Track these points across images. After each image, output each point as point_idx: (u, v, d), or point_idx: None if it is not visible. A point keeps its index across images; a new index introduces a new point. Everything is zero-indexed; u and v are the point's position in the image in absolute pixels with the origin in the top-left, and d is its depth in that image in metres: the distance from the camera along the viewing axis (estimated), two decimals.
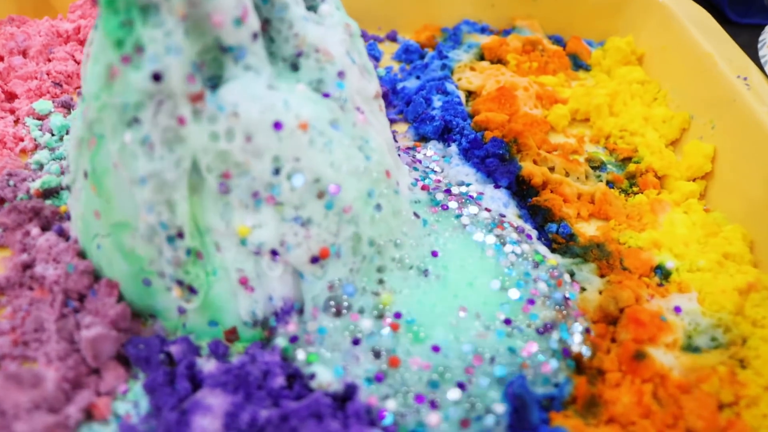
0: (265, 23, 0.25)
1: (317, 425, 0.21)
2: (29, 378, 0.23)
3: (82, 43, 0.41)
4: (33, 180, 0.31)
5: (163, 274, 0.25)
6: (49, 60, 0.39)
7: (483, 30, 0.45)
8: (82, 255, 0.27)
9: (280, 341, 0.25)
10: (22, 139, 0.35)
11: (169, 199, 0.23)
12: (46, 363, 0.24)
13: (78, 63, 0.40)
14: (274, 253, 0.25)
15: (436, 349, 0.25)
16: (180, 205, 0.23)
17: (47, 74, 0.38)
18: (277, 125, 0.23)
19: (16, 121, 0.36)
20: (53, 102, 0.37)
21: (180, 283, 0.25)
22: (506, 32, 0.45)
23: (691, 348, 0.27)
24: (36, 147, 0.34)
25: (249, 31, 0.23)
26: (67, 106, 0.37)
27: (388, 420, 0.22)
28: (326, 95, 0.25)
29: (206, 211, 0.24)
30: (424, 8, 0.45)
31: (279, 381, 0.23)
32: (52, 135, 0.35)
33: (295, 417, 0.21)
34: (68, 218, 0.29)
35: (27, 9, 0.43)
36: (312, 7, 0.27)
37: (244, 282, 0.25)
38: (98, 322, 0.24)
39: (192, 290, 0.25)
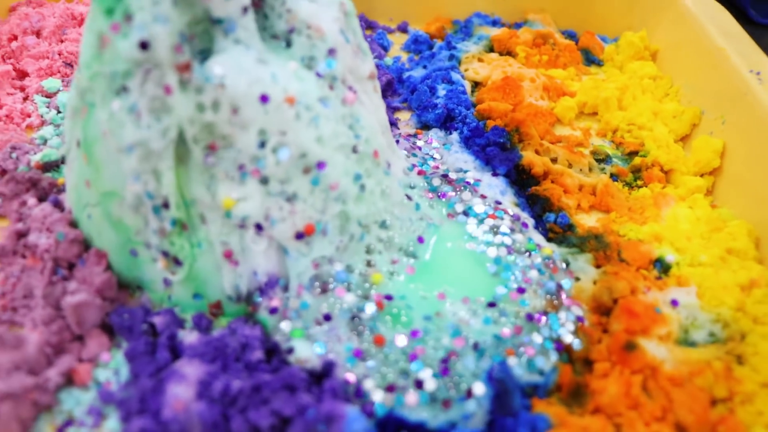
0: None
1: (289, 397, 0.21)
2: (11, 340, 0.23)
3: None
4: (35, 153, 0.32)
5: (149, 244, 0.25)
6: (62, 41, 0.40)
7: (495, 23, 0.44)
8: (74, 225, 0.27)
9: (263, 315, 0.25)
10: (29, 115, 0.35)
11: (156, 169, 0.23)
12: (32, 328, 0.24)
13: None
14: (258, 227, 0.24)
15: (417, 332, 0.24)
16: (166, 174, 0.23)
17: (59, 54, 0.39)
18: (264, 98, 0.23)
19: (25, 98, 0.36)
20: (62, 80, 0.37)
21: (165, 254, 0.25)
22: (518, 25, 0.45)
23: (687, 342, 0.26)
24: (42, 123, 0.35)
25: (239, 5, 0.23)
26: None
27: (366, 397, 0.22)
28: (318, 74, 0.25)
29: (192, 182, 0.24)
30: (436, 0, 0.45)
31: (257, 354, 0.23)
32: (58, 112, 0.35)
33: (268, 388, 0.21)
34: (65, 190, 0.29)
35: None
36: None
37: (228, 255, 0.25)
38: (83, 289, 0.24)
39: (177, 262, 0.25)
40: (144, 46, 0.22)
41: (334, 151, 0.25)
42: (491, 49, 0.42)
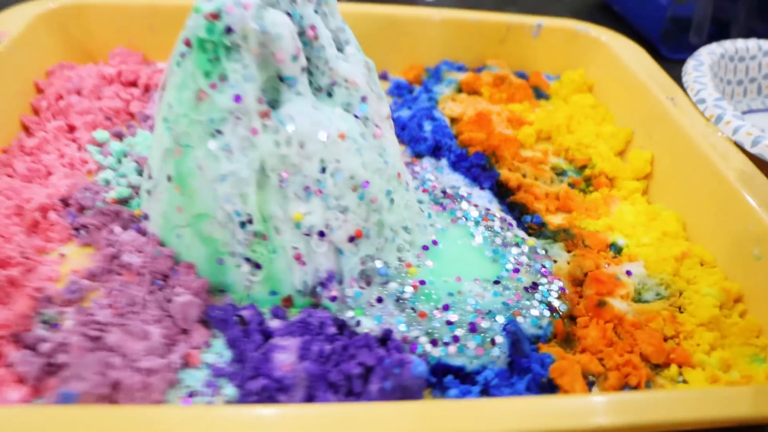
0: (308, 60, 0.33)
1: (369, 352, 0.28)
2: (140, 332, 0.29)
3: (123, 84, 0.49)
4: (104, 192, 0.38)
5: (234, 253, 0.32)
6: (99, 98, 0.46)
7: (459, 68, 0.54)
8: (161, 245, 0.34)
9: (325, 302, 0.32)
10: (86, 162, 0.41)
11: (243, 193, 0.31)
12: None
13: (123, 101, 0.47)
14: (321, 234, 0.32)
15: (447, 306, 0.32)
16: (250, 197, 0.31)
17: (99, 110, 0.45)
18: (324, 135, 0.31)
19: (79, 148, 0.42)
20: (108, 132, 0.43)
21: (248, 260, 0.32)
22: (479, 69, 0.54)
23: (641, 300, 0.35)
24: (99, 168, 0.41)
25: (300, 66, 0.31)
26: (119, 135, 0.44)
27: (419, 350, 0.29)
28: (356, 116, 0.33)
29: (269, 201, 0.31)
30: (409, 52, 0.54)
31: (332, 329, 0.30)
32: (113, 158, 0.41)
33: (352, 347, 0.28)
34: (144, 219, 0.35)
35: (72, 57, 0.50)
36: (340, 48, 0.35)
37: (298, 258, 0.32)
38: (186, 291, 0.31)
39: (257, 266, 0.32)
40: (237, 99, 0.29)
41: (373, 173, 0.33)
42: (460, 90, 0.51)
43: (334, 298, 0.32)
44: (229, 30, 0.29)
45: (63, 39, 0.50)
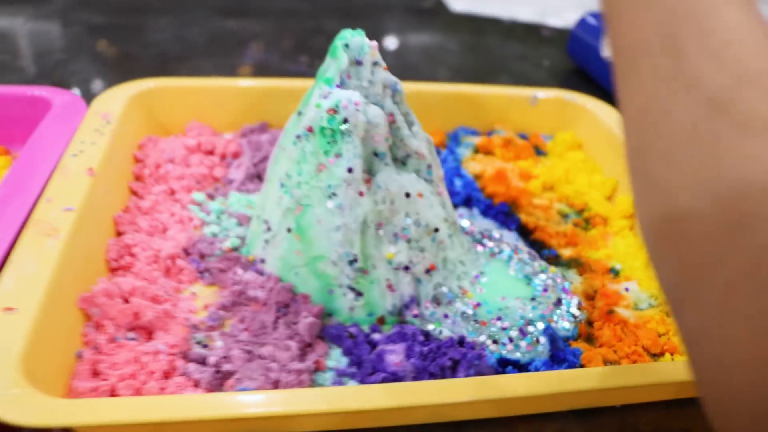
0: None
1: (455, 350, 0.39)
2: (283, 345, 0.39)
3: (205, 153, 0.59)
4: (218, 243, 0.48)
5: (342, 285, 0.42)
6: (188, 165, 0.57)
7: (474, 133, 0.66)
8: (280, 281, 0.44)
9: (410, 319, 0.42)
10: (192, 219, 0.51)
11: (351, 239, 0.41)
12: (273, 344, 0.40)
13: (207, 167, 0.57)
14: (406, 268, 0.43)
15: (500, 317, 0.43)
16: (356, 242, 0.41)
17: (191, 176, 0.55)
18: (407, 195, 0.42)
19: (182, 207, 0.52)
20: (204, 193, 0.54)
21: (352, 289, 0.42)
22: (489, 133, 0.66)
23: (638, 308, 0.46)
24: (202, 223, 0.51)
25: (387, 144, 0.42)
26: (211, 196, 0.54)
27: (486, 350, 0.40)
28: (426, 179, 0.44)
29: (369, 245, 0.42)
30: (432, 120, 0.66)
31: (421, 337, 0.41)
32: (213, 215, 0.51)
33: (443, 347, 0.39)
34: (260, 262, 0.45)
35: (155, 130, 0.60)
36: (409, 127, 0.46)
37: (389, 286, 0.42)
38: (310, 315, 0.41)
39: (359, 294, 0.42)
40: (350, 170, 0.40)
41: (441, 221, 0.44)
42: (477, 151, 0.63)
43: (416, 316, 0.43)
44: (345, 121, 0.40)
45: (148, 115, 0.60)
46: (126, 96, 0.58)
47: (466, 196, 0.56)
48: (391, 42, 0.95)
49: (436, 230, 0.43)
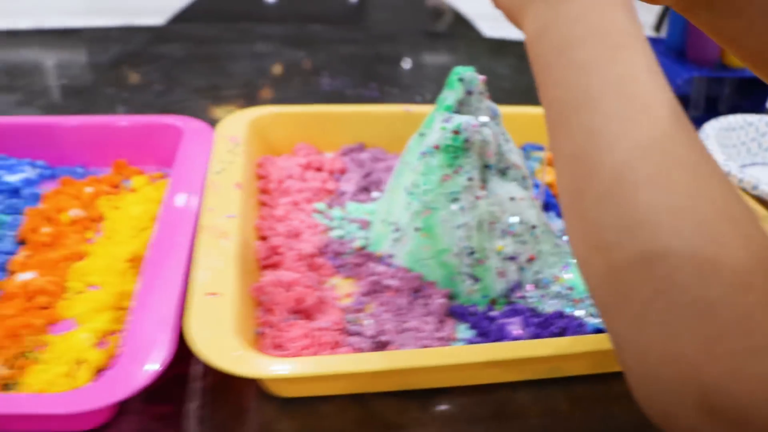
0: None
1: (561, 320, 0.48)
2: (422, 320, 0.49)
3: (315, 169, 0.69)
4: (348, 243, 0.58)
5: (462, 273, 0.52)
6: (305, 180, 0.67)
7: (539, 148, 0.76)
8: (409, 271, 0.53)
9: (516, 300, 0.52)
10: (317, 225, 0.61)
11: (470, 235, 0.51)
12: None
13: (320, 181, 0.67)
14: (512, 257, 0.52)
15: (584, 299, 0.53)
16: (474, 237, 0.51)
17: (308, 189, 0.65)
18: (512, 198, 0.52)
19: (307, 215, 0.62)
20: (324, 203, 0.64)
21: (470, 276, 0.52)
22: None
23: None
24: (327, 229, 0.61)
25: (497, 158, 0.52)
26: (330, 206, 0.64)
27: (583, 321, 0.50)
28: (522, 186, 0.54)
29: (483, 240, 0.52)
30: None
31: (529, 313, 0.50)
32: (336, 221, 0.61)
33: (551, 318, 0.48)
34: (388, 257, 0.55)
35: (267, 150, 0.70)
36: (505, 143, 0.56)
37: (500, 273, 0.52)
38: (440, 297, 0.51)
39: (476, 279, 0.52)
40: (470, 180, 0.50)
41: (536, 220, 0.54)
42: (542, 163, 0.73)
43: (521, 297, 0.52)
44: (467, 140, 0.50)
45: (263, 138, 0.71)
46: (246, 121, 0.68)
47: (544, 203, 0.66)
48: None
49: (534, 227, 0.53)
